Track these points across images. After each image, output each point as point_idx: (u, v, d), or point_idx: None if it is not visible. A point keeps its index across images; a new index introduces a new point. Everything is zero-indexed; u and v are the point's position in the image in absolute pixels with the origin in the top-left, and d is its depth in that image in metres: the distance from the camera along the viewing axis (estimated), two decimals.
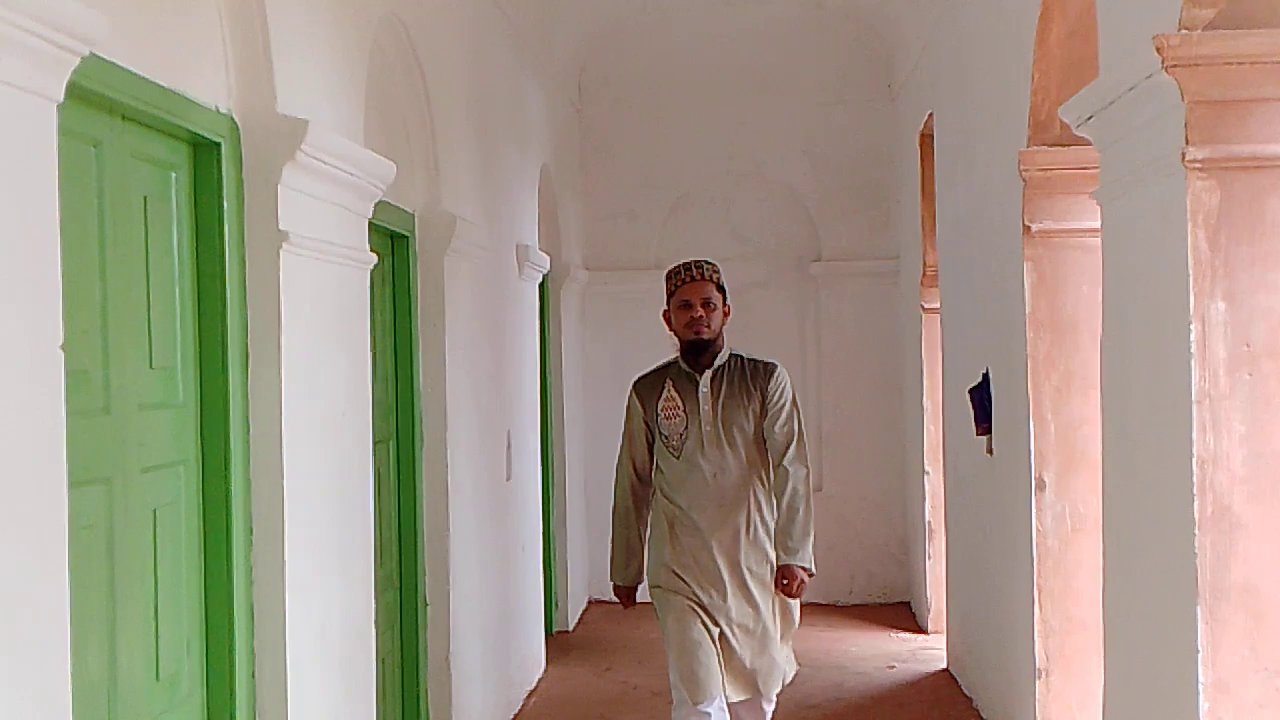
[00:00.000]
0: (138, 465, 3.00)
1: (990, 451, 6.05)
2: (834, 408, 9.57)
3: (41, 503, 2.33)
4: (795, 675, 5.06)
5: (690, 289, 4.86)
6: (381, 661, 4.75)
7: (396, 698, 5.13)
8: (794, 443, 4.86)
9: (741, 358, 4.94)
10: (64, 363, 2.39)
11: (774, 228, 9.86)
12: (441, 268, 5.41)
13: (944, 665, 7.65)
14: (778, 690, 4.92)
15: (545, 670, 7.67)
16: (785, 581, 4.79)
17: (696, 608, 4.79)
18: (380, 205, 4.41)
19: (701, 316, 4.84)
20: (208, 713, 3.35)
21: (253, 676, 3.46)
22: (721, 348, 4.93)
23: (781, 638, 4.90)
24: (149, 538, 3.06)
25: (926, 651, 8.09)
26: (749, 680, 4.82)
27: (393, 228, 5.01)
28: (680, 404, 4.87)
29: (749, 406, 4.85)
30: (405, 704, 5.22)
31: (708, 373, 4.88)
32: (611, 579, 5.15)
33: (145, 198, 3.07)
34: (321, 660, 3.77)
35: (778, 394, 4.87)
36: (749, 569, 4.81)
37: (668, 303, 4.96)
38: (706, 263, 4.97)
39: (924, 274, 8.44)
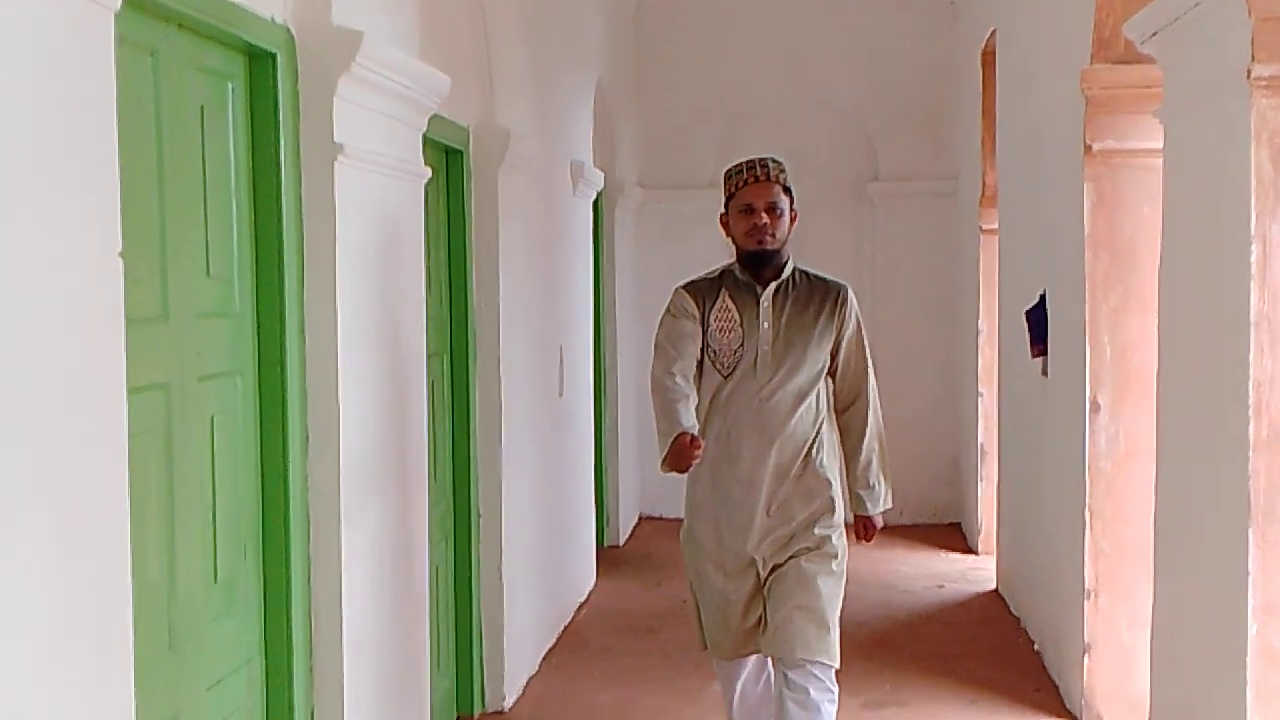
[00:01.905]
0: (195, 373, 3.04)
1: (1045, 373, 6.01)
2: (889, 328, 9.49)
3: (102, 408, 2.37)
4: (831, 670, 4.17)
5: (753, 191, 4.20)
6: (435, 570, 4.83)
7: (449, 606, 5.22)
8: (865, 377, 4.35)
9: (807, 273, 4.33)
10: (123, 270, 2.42)
11: (831, 147, 9.76)
12: (495, 182, 5.41)
13: (993, 586, 7.67)
14: (812, 659, 4.09)
15: (595, 583, 7.77)
16: (865, 530, 4.42)
17: (718, 569, 4.29)
18: (434, 119, 4.41)
19: (766, 224, 4.19)
20: (265, 616, 3.42)
21: (308, 581, 3.53)
22: (786, 260, 4.29)
23: (826, 595, 4.16)
24: (207, 444, 3.11)
25: (976, 572, 8.12)
26: (774, 635, 4.15)
27: (447, 142, 5.01)
28: (738, 317, 4.24)
29: (814, 329, 4.24)
30: (458, 612, 5.31)
31: (771, 286, 4.25)
32: (662, 460, 4.00)
33: (202, 108, 3.09)
34: (376, 567, 3.84)
35: (850, 321, 4.31)
36: (794, 508, 4.22)
37: (726, 206, 4.31)
38: (772, 160, 4.27)
39: (983, 194, 8.35)
